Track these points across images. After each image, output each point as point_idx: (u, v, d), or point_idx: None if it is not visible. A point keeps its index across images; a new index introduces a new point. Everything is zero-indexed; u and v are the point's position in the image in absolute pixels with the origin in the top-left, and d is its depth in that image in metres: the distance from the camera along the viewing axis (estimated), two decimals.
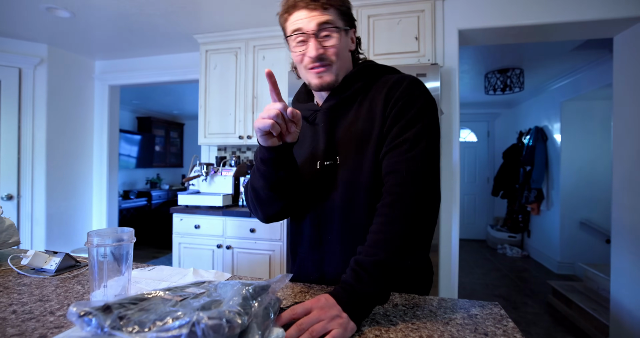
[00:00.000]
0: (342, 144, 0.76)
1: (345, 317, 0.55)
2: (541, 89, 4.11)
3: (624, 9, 1.81)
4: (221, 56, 2.63)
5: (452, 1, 2.00)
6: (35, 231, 2.80)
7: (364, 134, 0.74)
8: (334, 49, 0.73)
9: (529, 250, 4.43)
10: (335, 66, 0.75)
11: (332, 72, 0.75)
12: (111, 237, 0.62)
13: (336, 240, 0.77)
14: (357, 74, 0.78)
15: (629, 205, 1.93)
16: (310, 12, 0.70)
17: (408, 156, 0.67)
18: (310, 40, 0.72)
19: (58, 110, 2.90)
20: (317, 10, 0.70)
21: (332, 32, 0.72)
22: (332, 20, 0.72)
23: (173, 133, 6.39)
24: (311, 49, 0.71)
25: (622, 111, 2.02)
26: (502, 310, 0.65)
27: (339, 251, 0.76)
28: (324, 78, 0.75)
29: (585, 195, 3.59)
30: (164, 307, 0.47)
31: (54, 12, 2.25)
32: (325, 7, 0.71)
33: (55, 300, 0.67)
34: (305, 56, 0.73)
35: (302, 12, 0.71)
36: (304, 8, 0.71)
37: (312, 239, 0.80)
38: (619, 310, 1.98)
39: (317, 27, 0.71)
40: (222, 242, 2.25)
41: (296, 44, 0.74)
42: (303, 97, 0.89)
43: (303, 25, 0.71)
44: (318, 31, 0.71)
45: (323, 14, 0.71)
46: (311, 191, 0.79)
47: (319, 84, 0.76)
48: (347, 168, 0.74)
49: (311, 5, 0.70)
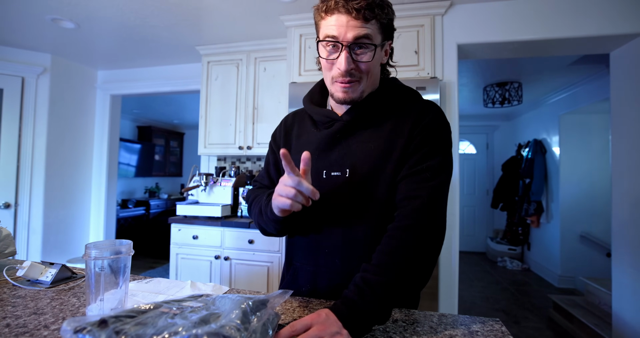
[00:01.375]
0: (355, 158, 0.74)
1: (345, 334, 0.54)
2: (539, 102, 4.15)
3: (619, 26, 1.85)
4: (223, 67, 2.66)
5: (452, 16, 2.04)
6: (32, 240, 2.77)
7: (384, 153, 0.72)
8: (366, 66, 0.69)
9: (529, 263, 4.39)
10: (364, 83, 0.72)
11: (359, 89, 0.72)
12: (109, 249, 0.61)
13: (335, 253, 0.75)
14: (383, 93, 0.77)
15: (629, 219, 1.93)
16: (350, 20, 0.65)
17: (430, 185, 0.67)
18: (342, 52, 0.67)
19: (59, 119, 2.91)
20: (359, 20, 0.65)
21: (368, 48, 0.68)
22: (371, 34, 0.67)
23: (173, 142, 6.40)
24: (342, 62, 0.67)
25: (620, 125, 2.03)
26: (504, 327, 0.64)
27: (335, 264, 0.75)
28: (349, 94, 0.72)
29: (585, 208, 3.58)
30: (162, 321, 0.46)
31: (59, 23, 2.28)
32: (367, 19, 0.66)
33: (50, 314, 0.66)
34: (335, 66, 0.70)
35: (342, 17, 0.66)
36: (346, 14, 0.65)
37: (309, 250, 0.79)
38: (621, 326, 1.95)
39: (353, 40, 0.66)
40: (220, 253, 2.23)
41: (328, 50, 0.70)
42: (317, 98, 0.85)
43: (339, 33, 0.66)
44: (353, 44, 0.67)
45: (363, 27, 0.66)
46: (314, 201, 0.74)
47: (343, 99, 0.73)
48: (359, 181, 0.72)
49: (353, 13, 0.65)
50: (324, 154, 0.77)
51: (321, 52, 0.72)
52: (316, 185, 0.73)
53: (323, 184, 0.75)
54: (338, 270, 0.75)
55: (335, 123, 0.77)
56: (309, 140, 0.80)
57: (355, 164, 0.73)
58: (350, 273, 0.72)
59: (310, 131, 0.81)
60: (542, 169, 3.98)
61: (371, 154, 0.73)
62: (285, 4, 2.04)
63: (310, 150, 0.75)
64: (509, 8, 1.98)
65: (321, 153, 0.77)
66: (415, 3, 1.99)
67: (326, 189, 0.75)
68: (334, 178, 0.75)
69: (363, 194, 0.73)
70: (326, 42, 0.68)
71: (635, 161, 1.89)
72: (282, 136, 0.87)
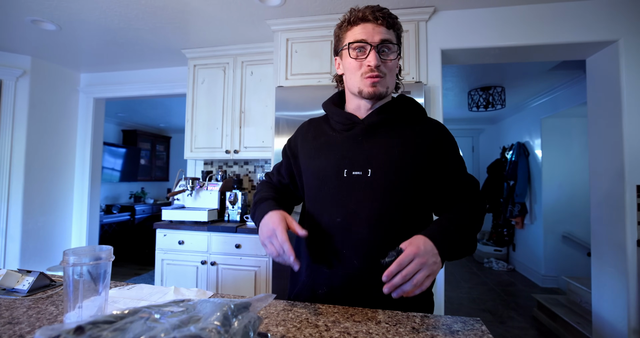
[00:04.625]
0: (378, 160, 0.78)
1: (439, 261, 0.66)
2: (522, 106, 4.26)
3: (594, 34, 1.92)
4: (209, 71, 2.64)
5: (435, 22, 2.08)
6: (10, 247, 2.68)
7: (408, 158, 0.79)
8: (390, 64, 0.79)
9: (514, 264, 4.48)
10: (387, 79, 0.80)
11: (385, 84, 0.80)
12: (88, 256, 0.60)
13: (356, 255, 0.76)
14: (404, 103, 0.85)
15: (606, 219, 1.99)
16: (376, 27, 0.77)
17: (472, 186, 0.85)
18: (371, 51, 0.77)
19: (40, 122, 2.84)
20: (383, 26, 0.77)
21: (391, 49, 0.79)
22: (393, 39, 0.79)
23: (159, 146, 6.31)
24: (372, 58, 0.76)
25: (596, 128, 2.11)
26: (484, 326, 0.65)
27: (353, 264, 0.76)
28: (378, 88, 0.79)
29: (566, 209, 3.68)
30: (141, 326, 0.45)
31: (40, 24, 2.24)
32: (389, 27, 0.78)
33: (26, 323, 0.64)
34: (364, 64, 0.78)
35: (368, 25, 0.77)
36: (372, 22, 0.77)
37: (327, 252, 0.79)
38: (601, 323, 2.01)
39: (379, 41, 0.77)
40: (206, 258, 2.20)
41: (356, 52, 0.79)
42: (338, 102, 0.91)
43: (367, 37, 0.77)
44: (380, 45, 0.77)
45: (387, 32, 0.78)
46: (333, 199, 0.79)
47: (372, 92, 0.79)
48: (381, 182, 0.77)
49: (379, 21, 0.77)
50: (345, 154, 0.81)
51: (349, 56, 0.80)
52: (337, 183, 0.79)
53: (344, 182, 0.79)
54: (356, 270, 0.76)
55: (355, 126, 0.83)
56: (327, 141, 0.85)
57: (378, 165, 0.78)
58: (367, 273, 0.74)
59: (329, 134, 0.86)
60: (526, 172, 4.08)
61: (395, 158, 0.78)
62: (271, 8, 2.05)
63: (329, 153, 0.83)
64: (491, 15, 2.03)
65: (342, 153, 0.81)
66: (400, 9, 2.02)
67: (347, 187, 0.78)
68: (355, 176, 0.78)
69: (383, 195, 0.77)
70: (356, 44, 0.78)
71: (611, 162, 1.96)
72: (299, 141, 0.92)
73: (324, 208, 0.80)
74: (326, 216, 0.79)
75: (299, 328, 0.64)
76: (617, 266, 1.90)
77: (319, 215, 0.81)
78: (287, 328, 0.64)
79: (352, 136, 0.82)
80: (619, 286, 1.88)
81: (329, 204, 0.79)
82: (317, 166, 0.83)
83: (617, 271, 1.90)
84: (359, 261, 0.75)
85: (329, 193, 0.80)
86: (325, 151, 0.83)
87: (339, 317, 0.69)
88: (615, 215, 1.92)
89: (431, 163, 0.80)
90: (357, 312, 0.72)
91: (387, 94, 0.82)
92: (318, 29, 2.16)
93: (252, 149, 2.50)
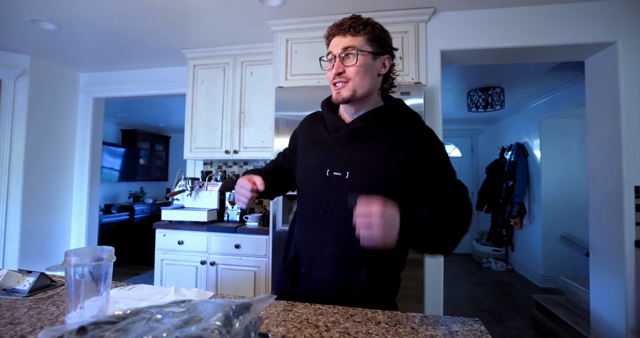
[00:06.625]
0: (356, 165, 0.85)
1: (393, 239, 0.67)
2: (521, 107, 4.27)
3: (593, 35, 1.93)
4: (209, 71, 2.65)
5: (435, 23, 2.08)
6: (8, 247, 2.68)
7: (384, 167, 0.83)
8: (353, 68, 0.83)
9: (513, 264, 4.49)
10: (352, 83, 0.84)
11: (349, 88, 0.84)
12: (90, 256, 0.60)
13: (329, 241, 0.86)
14: (387, 109, 0.89)
15: (604, 219, 2.00)
16: (341, 38, 0.84)
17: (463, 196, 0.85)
18: (335, 61, 0.85)
19: (39, 122, 2.84)
20: (346, 37, 0.84)
21: (352, 54, 0.83)
22: (356, 45, 0.83)
23: (158, 146, 6.30)
24: (334, 68, 0.85)
25: (595, 129, 2.11)
26: (482, 326, 0.66)
27: (329, 251, 0.86)
28: (341, 93, 0.85)
29: (565, 209, 3.69)
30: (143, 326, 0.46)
31: (39, 24, 2.23)
32: (354, 34, 0.83)
33: (28, 323, 0.65)
34: (329, 73, 0.87)
35: (336, 38, 0.85)
36: (337, 35, 0.85)
37: (309, 236, 0.90)
38: (599, 323, 2.02)
39: (341, 51, 0.84)
40: (206, 258, 2.21)
41: (328, 65, 0.88)
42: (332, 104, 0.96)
43: (333, 49, 0.85)
44: (342, 53, 0.84)
45: (351, 39, 0.83)
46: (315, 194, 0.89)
47: (336, 99, 0.87)
48: (356, 186, 0.84)
49: (342, 33, 0.84)
50: (329, 155, 0.89)
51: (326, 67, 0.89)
52: (320, 180, 0.88)
53: (325, 180, 0.87)
54: (332, 256, 0.85)
55: (341, 130, 0.90)
56: (319, 141, 0.93)
57: (355, 170, 0.85)
58: (341, 260, 0.85)
59: (322, 133, 0.94)
60: (525, 172, 4.09)
61: (371, 166, 0.84)
62: (271, 8, 2.05)
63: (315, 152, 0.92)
64: (490, 16, 2.04)
65: (327, 153, 0.90)
66: (399, 10, 2.03)
67: (327, 185, 0.87)
68: (336, 177, 0.86)
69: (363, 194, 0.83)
70: (326, 57, 0.88)
71: (609, 163, 1.97)
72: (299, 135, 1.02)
73: (310, 200, 0.90)
74: (311, 207, 0.90)
75: (299, 329, 0.64)
76: (615, 267, 1.91)
77: (306, 204, 0.92)
78: (287, 328, 0.64)
79: (337, 139, 0.89)
80: (617, 286, 1.89)
81: (313, 198, 0.89)
82: (307, 162, 0.93)
83: (615, 272, 1.91)
84: (333, 248, 0.85)
85: (314, 188, 0.89)
86: (315, 150, 0.92)
87: (339, 318, 0.70)
88: (614, 216, 1.92)
89: (410, 168, 0.84)
90: (357, 313, 0.73)
91: (355, 98, 0.86)
92: (318, 30, 2.16)
93: (251, 149, 2.50)
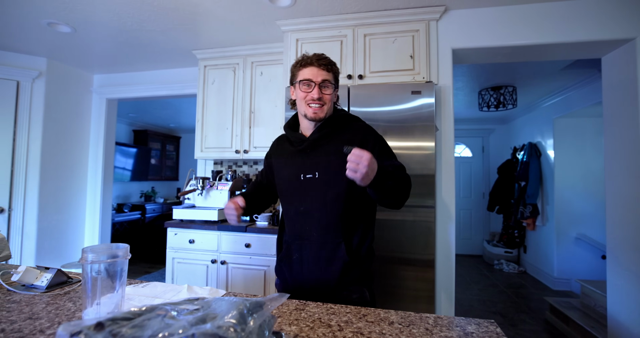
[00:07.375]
0: (321, 165, 1.09)
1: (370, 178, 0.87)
2: (534, 106, 4.19)
3: (610, 32, 1.88)
4: (219, 71, 2.67)
5: (446, 22, 2.06)
6: (26, 245, 2.75)
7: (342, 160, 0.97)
8: (328, 96, 1.10)
9: (525, 266, 4.41)
10: (326, 107, 1.10)
11: (324, 111, 1.10)
12: (106, 253, 0.61)
13: (313, 228, 1.09)
14: (336, 119, 1.14)
15: (622, 221, 1.95)
16: (319, 70, 1.08)
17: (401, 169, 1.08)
18: (315, 87, 1.07)
19: (54, 123, 2.90)
20: (323, 70, 1.08)
21: (330, 86, 1.10)
22: (331, 79, 1.10)
23: (169, 146, 6.38)
24: (315, 93, 1.07)
25: (612, 128, 2.06)
26: (498, 328, 0.65)
27: (313, 235, 1.08)
28: (318, 114, 1.09)
29: (579, 211, 3.61)
30: (159, 322, 0.46)
31: (55, 27, 2.28)
32: (328, 70, 1.09)
33: (46, 318, 0.66)
34: (309, 95, 1.08)
35: (314, 68, 1.08)
36: (316, 66, 1.08)
37: (296, 229, 1.12)
38: (616, 327, 1.96)
39: (321, 80, 1.07)
40: (216, 257, 2.22)
41: (305, 87, 1.08)
42: (292, 123, 1.22)
43: (312, 76, 1.07)
44: (321, 83, 1.07)
45: (327, 74, 1.08)
46: (296, 195, 1.12)
47: (314, 117, 1.09)
48: (325, 181, 1.08)
49: (321, 66, 1.08)
50: (300, 163, 1.13)
51: (300, 90, 1.10)
52: (298, 184, 1.11)
53: (301, 183, 1.11)
54: (317, 240, 1.08)
55: (304, 142, 1.12)
56: (290, 154, 1.17)
57: (321, 170, 1.09)
58: (324, 241, 1.07)
59: (289, 149, 1.18)
60: (537, 172, 4.01)
61: (332, 162, 1.08)
62: (281, 9, 2.05)
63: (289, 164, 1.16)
64: (502, 14, 2.01)
65: (298, 162, 1.13)
66: (410, 8, 2.01)
67: (304, 186, 1.10)
68: (309, 178, 1.10)
69: (327, 190, 1.08)
70: (305, 81, 1.08)
71: (627, 163, 1.92)
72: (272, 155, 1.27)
73: (292, 200, 1.13)
74: (294, 205, 1.12)
75: (312, 328, 0.64)
76: (634, 270, 1.85)
77: (289, 204, 1.15)
78: (300, 327, 0.64)
79: (303, 150, 1.13)
80: (636, 290, 1.84)
81: (295, 198, 1.12)
82: (285, 172, 1.17)
83: (634, 275, 1.85)
84: (316, 233, 1.08)
85: (294, 191, 1.12)
86: (289, 162, 1.16)
87: (352, 317, 0.69)
88: (633, 217, 1.87)
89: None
90: (370, 312, 0.72)
91: (325, 118, 1.10)
92: (328, 29, 2.16)
93: (261, 149, 2.51)
